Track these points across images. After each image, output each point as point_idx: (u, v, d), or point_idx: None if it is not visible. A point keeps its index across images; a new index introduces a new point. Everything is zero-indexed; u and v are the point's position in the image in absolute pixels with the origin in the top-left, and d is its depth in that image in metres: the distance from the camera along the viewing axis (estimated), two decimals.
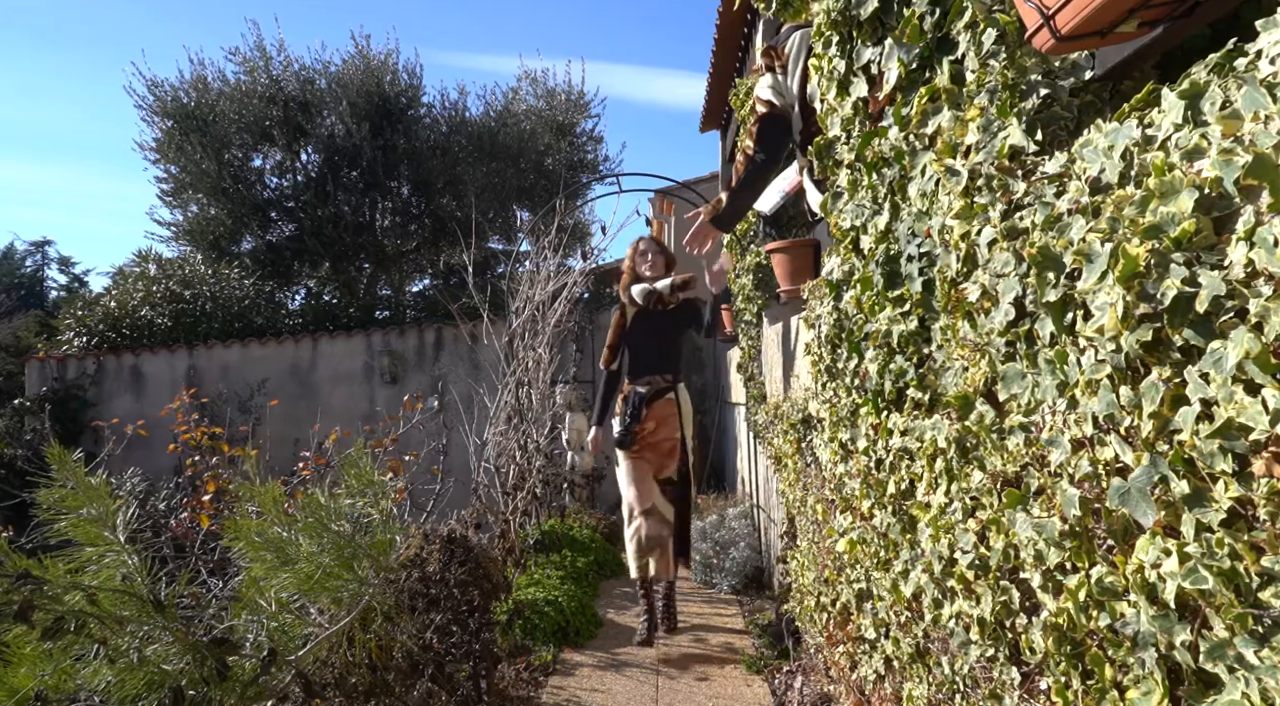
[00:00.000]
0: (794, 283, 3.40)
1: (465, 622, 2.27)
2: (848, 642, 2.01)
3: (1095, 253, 0.83)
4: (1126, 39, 0.93)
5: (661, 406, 3.55)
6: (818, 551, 2.37)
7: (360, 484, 2.12)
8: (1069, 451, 0.92)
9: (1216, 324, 0.69)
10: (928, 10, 1.26)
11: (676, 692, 2.93)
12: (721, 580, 4.38)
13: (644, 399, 3.51)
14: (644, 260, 3.60)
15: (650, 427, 3.53)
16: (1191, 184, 0.71)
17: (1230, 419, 0.68)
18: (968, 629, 1.23)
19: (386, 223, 12.25)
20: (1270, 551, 0.66)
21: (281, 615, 1.89)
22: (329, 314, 10.91)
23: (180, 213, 11.91)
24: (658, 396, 3.55)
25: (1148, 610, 0.79)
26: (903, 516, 1.49)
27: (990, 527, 1.13)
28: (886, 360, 1.50)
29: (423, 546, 2.28)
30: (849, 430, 1.81)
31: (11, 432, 7.88)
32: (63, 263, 26.66)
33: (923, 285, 1.32)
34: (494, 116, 12.06)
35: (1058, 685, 0.97)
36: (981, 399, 1.15)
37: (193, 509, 3.63)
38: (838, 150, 1.75)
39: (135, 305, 9.56)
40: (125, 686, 1.55)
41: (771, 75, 2.52)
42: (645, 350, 3.59)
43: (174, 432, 4.23)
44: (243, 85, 11.24)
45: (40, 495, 1.73)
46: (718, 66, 6.38)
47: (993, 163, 1.10)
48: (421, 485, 4.11)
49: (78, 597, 1.54)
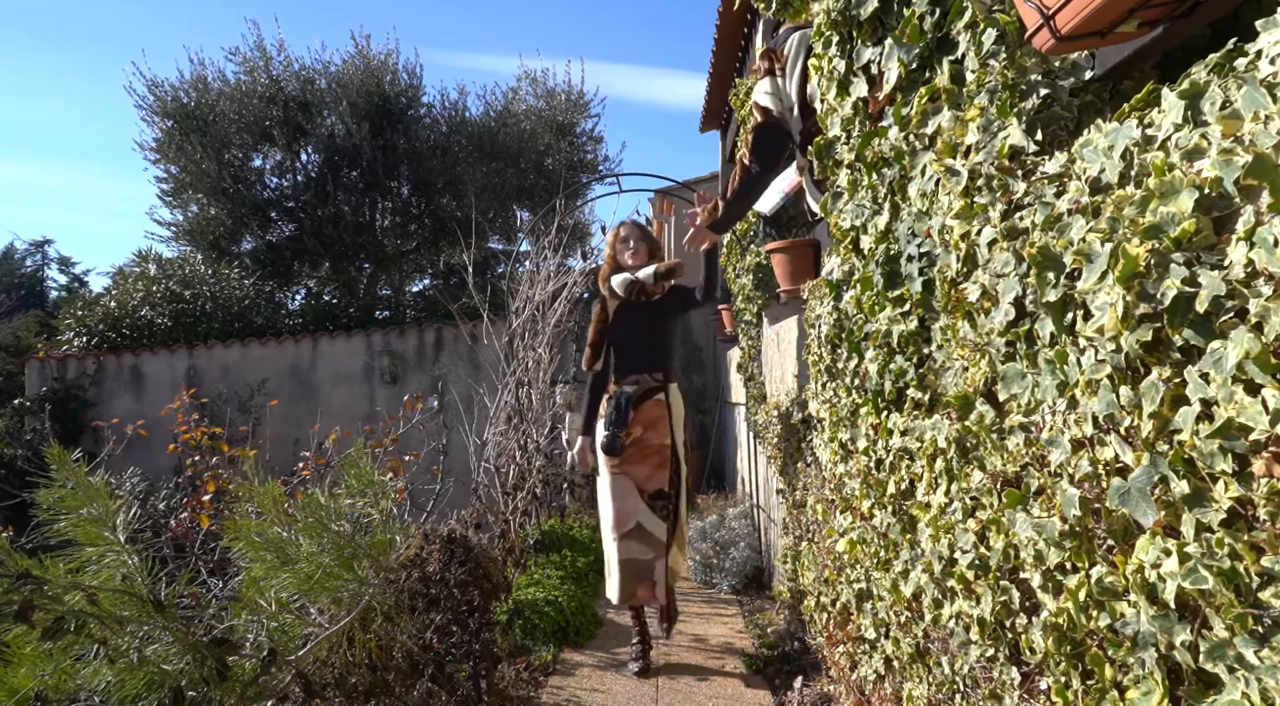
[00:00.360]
0: (794, 283, 3.41)
1: (465, 622, 2.26)
2: (848, 642, 2.01)
3: (1095, 253, 0.83)
4: (1126, 39, 0.93)
5: (650, 408, 3.15)
6: (818, 551, 2.37)
7: (360, 484, 2.12)
8: (1069, 451, 0.92)
9: (1216, 324, 0.69)
10: (928, 10, 1.26)
11: (676, 692, 2.93)
12: (721, 580, 4.38)
13: (631, 400, 3.11)
14: (625, 248, 3.22)
15: (638, 433, 3.13)
16: (1191, 184, 0.71)
17: (1230, 419, 0.68)
18: (968, 629, 1.24)
19: (386, 223, 12.26)
20: (1270, 551, 0.66)
21: (281, 615, 1.89)
22: (329, 314, 10.91)
23: (180, 213, 11.91)
24: (646, 397, 3.16)
25: (1148, 610, 0.79)
26: (903, 516, 1.50)
27: (990, 527, 1.13)
28: (886, 360, 1.50)
29: (423, 546, 2.28)
30: (849, 430, 1.81)
31: (11, 432, 7.88)
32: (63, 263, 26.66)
33: (923, 285, 1.32)
34: (494, 116, 12.06)
35: (1058, 685, 0.97)
36: (981, 399, 1.15)
37: (193, 509, 3.63)
38: (838, 150, 1.75)
39: (135, 305, 9.57)
40: (125, 686, 1.55)
41: (770, 79, 2.52)
42: (631, 346, 3.19)
43: (174, 432, 4.23)
44: (243, 85, 11.24)
45: (40, 495, 1.73)
46: (718, 66, 6.38)
47: (993, 163, 1.10)
48: (421, 485, 4.11)
49: (78, 597, 1.54)
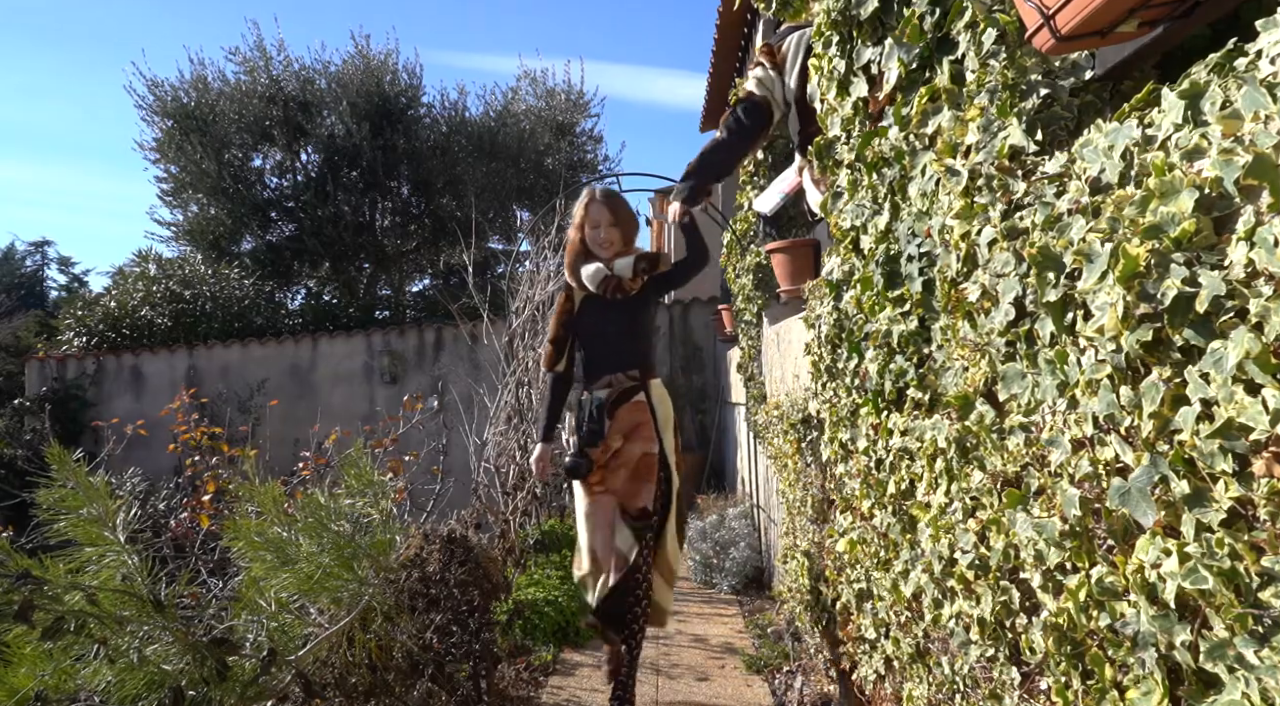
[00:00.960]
0: (794, 283, 3.41)
1: (465, 622, 2.26)
2: (848, 642, 2.01)
3: (1095, 252, 0.83)
4: (1126, 39, 0.93)
5: (629, 412, 2.57)
6: (818, 551, 2.37)
7: (360, 484, 2.12)
8: (1069, 451, 0.92)
9: (1217, 324, 0.69)
10: (928, 10, 1.26)
11: (676, 692, 2.93)
12: (721, 580, 4.38)
13: (604, 407, 2.56)
14: (595, 232, 2.59)
15: (616, 444, 2.56)
16: (1192, 184, 0.71)
17: (1230, 419, 0.68)
18: (968, 629, 1.24)
19: (386, 223, 12.27)
20: (1270, 551, 0.66)
21: (281, 615, 1.89)
22: (329, 314, 10.93)
23: (180, 212, 11.93)
24: (622, 400, 2.58)
25: (1148, 610, 0.79)
26: (903, 516, 1.50)
27: (990, 527, 1.13)
28: (886, 360, 1.50)
29: (423, 546, 2.28)
30: (849, 430, 1.81)
31: (11, 432, 7.88)
32: (63, 263, 26.70)
33: (923, 285, 1.32)
34: (494, 116, 12.08)
35: (1058, 685, 0.97)
36: (981, 399, 1.15)
37: (193, 509, 3.63)
38: (838, 150, 1.75)
39: (135, 305, 9.57)
40: (125, 686, 1.55)
41: (763, 69, 2.55)
42: (601, 343, 2.63)
43: (174, 433, 4.23)
44: (243, 85, 11.26)
45: (40, 495, 1.73)
46: (718, 66, 6.38)
47: (993, 162, 1.10)
48: (421, 485, 4.11)
49: (78, 597, 1.54)
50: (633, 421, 2.58)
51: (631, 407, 2.59)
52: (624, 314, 2.62)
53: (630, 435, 2.57)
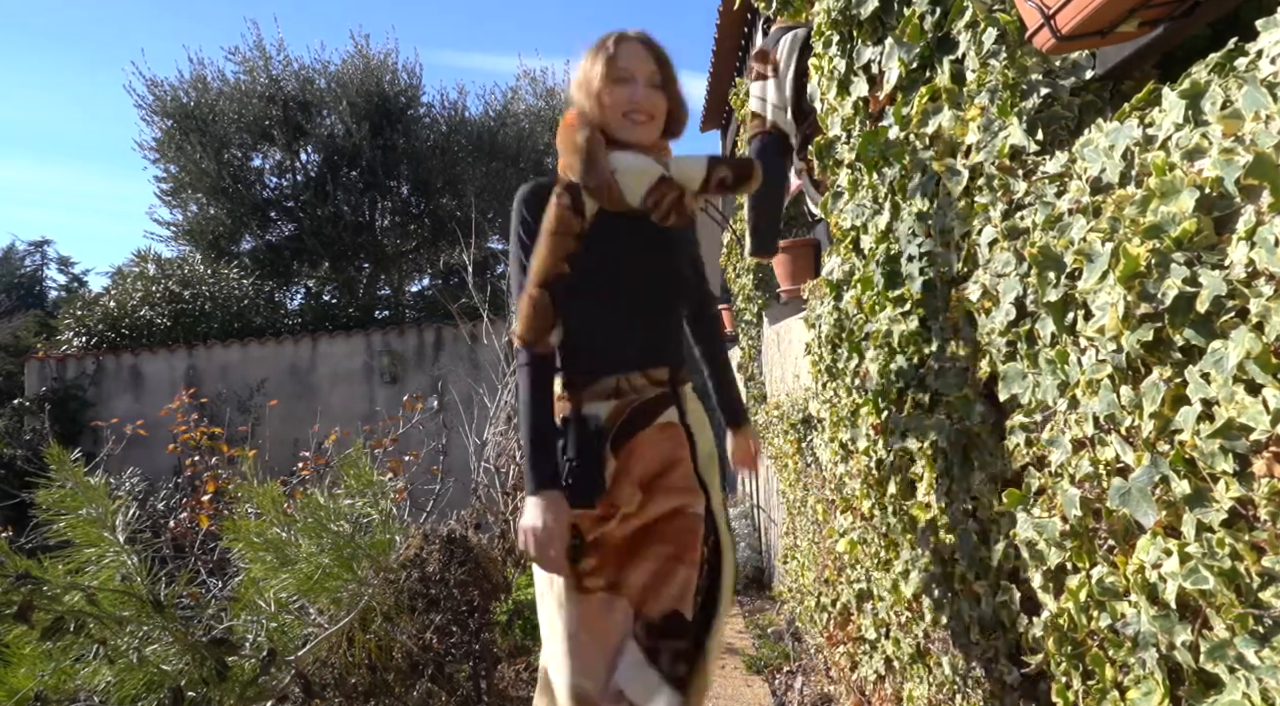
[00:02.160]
0: (794, 283, 3.40)
1: (465, 622, 2.26)
2: (848, 643, 2.01)
3: (1096, 252, 0.83)
4: (1127, 39, 0.93)
5: (654, 442, 1.42)
6: (818, 551, 2.37)
7: (360, 484, 2.12)
8: (1070, 451, 0.92)
9: (1217, 324, 0.69)
10: (928, 10, 1.26)
11: None
12: None
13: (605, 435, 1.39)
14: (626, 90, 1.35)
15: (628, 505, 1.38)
16: (1192, 183, 0.71)
17: (1231, 419, 0.67)
18: (968, 629, 1.23)
19: (386, 222, 12.26)
20: (1271, 551, 0.66)
21: (281, 615, 1.89)
22: (328, 314, 10.91)
23: (180, 212, 11.92)
24: (640, 421, 1.42)
25: (1148, 610, 0.79)
26: (903, 516, 1.49)
27: (990, 527, 1.13)
28: (887, 360, 1.50)
29: (422, 546, 2.28)
30: (849, 430, 1.81)
31: (11, 432, 7.88)
32: (62, 263, 26.66)
33: (923, 285, 1.32)
34: (493, 116, 12.08)
35: (1058, 685, 0.97)
36: (981, 399, 1.15)
37: (192, 509, 3.63)
38: (838, 150, 1.75)
39: (135, 305, 9.56)
40: (125, 686, 1.55)
41: (760, 84, 2.54)
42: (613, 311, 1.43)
43: (173, 433, 4.23)
44: (242, 85, 11.25)
45: (40, 495, 1.73)
46: (718, 66, 6.38)
47: (993, 162, 1.10)
48: (421, 485, 4.11)
49: (77, 597, 1.54)
50: (661, 458, 1.42)
51: (658, 435, 1.43)
52: (661, 258, 1.46)
53: (654, 484, 1.41)
